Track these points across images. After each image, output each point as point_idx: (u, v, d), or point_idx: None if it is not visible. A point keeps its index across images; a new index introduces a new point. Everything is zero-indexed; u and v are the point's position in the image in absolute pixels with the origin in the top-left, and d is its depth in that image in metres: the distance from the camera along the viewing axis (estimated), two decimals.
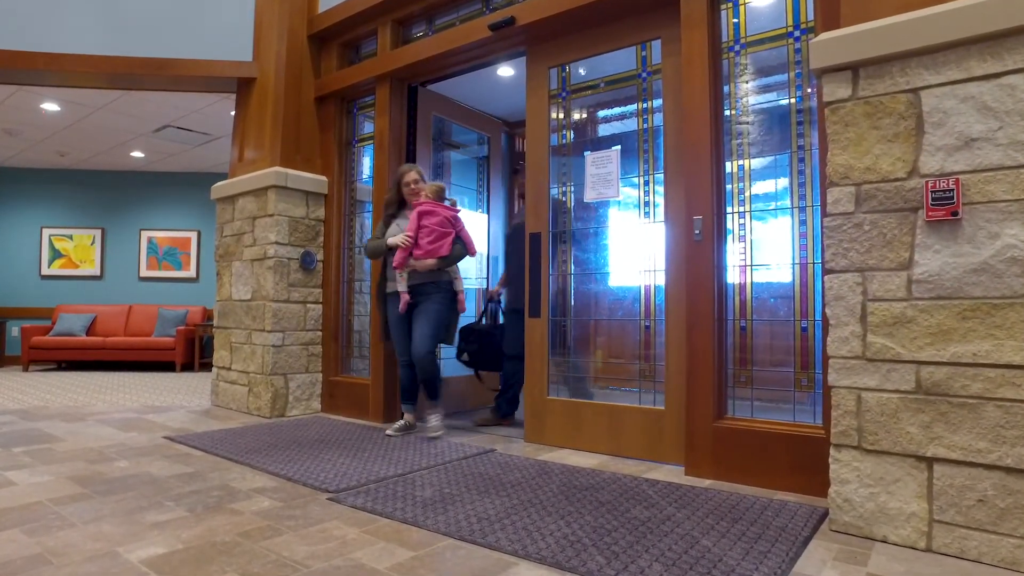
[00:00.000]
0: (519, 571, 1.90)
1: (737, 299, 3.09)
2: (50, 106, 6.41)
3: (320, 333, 4.91)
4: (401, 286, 3.83)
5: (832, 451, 2.30)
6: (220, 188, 5.16)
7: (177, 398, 5.63)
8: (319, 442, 3.71)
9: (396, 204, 4.01)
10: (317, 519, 2.37)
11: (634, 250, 3.53)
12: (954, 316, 2.08)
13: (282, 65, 4.87)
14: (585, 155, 3.66)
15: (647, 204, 3.49)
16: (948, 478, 2.06)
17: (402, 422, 3.94)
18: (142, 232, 8.94)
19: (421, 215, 3.79)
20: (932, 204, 2.13)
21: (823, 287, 2.39)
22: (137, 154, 8.07)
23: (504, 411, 4.33)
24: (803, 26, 2.99)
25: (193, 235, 8.96)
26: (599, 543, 2.09)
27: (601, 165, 3.56)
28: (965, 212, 2.08)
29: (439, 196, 3.90)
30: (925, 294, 2.14)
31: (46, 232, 8.81)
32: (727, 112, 3.16)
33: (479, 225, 5.20)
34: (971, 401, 2.04)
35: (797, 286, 2.94)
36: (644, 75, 3.51)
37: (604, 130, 3.80)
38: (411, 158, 4.61)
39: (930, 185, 2.13)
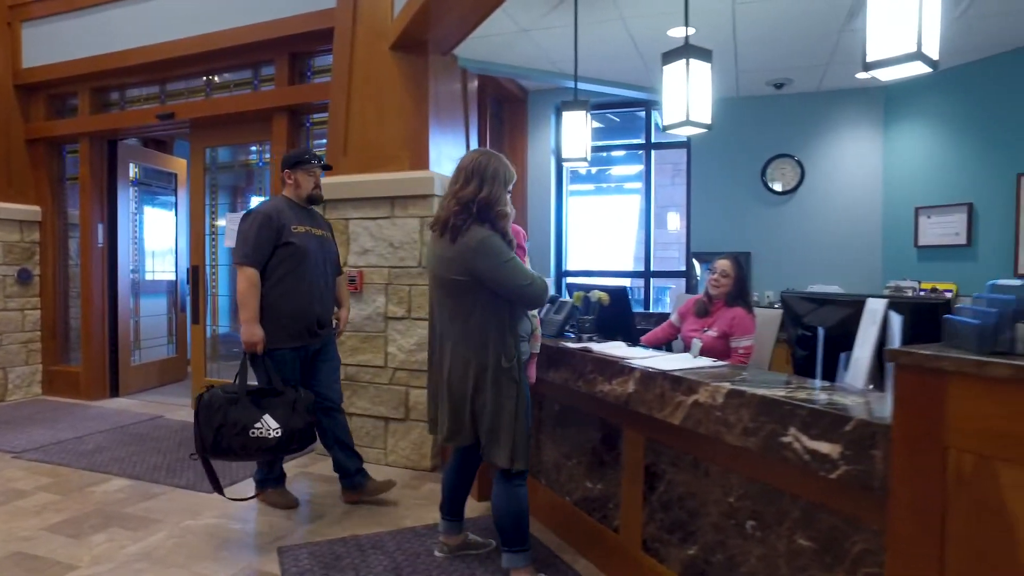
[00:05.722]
0: (111, 481, 3.66)
1: None
2: None
3: (39, 333, 6.16)
4: (536, 346, 2.74)
5: None
6: None
7: None
8: (27, 419, 5.14)
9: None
10: None
11: None
12: (360, 340, 4.11)
13: None
14: (226, 215, 5.35)
15: None
16: (354, 423, 4.12)
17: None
18: None
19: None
20: (350, 283, 4.12)
21: None
22: None
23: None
24: None
25: None
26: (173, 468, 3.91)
27: (233, 223, 5.26)
28: (364, 288, 4.09)
29: None
30: (352, 331, 4.14)
31: None
32: None
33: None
34: (364, 384, 4.09)
35: None
36: (261, 164, 5.24)
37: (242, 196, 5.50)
38: (112, 198, 5.96)
39: (349, 273, 4.11)
